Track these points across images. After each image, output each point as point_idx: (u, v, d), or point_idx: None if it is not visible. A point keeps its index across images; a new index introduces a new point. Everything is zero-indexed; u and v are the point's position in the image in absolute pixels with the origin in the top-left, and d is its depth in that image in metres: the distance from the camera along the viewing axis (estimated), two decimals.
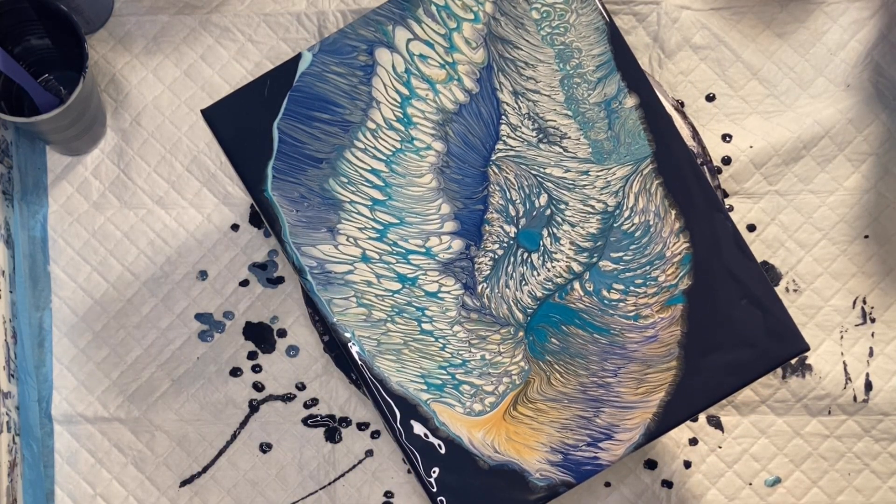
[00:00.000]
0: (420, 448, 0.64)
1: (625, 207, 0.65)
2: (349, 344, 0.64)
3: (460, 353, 0.64)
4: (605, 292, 0.65)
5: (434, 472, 0.63)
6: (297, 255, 0.64)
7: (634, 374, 0.64)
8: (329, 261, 0.64)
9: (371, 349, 0.64)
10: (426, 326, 0.64)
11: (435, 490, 0.63)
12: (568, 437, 0.64)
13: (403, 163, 0.65)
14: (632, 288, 0.64)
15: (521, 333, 0.64)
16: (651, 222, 0.65)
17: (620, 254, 0.65)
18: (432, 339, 0.64)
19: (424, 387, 0.64)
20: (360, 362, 0.64)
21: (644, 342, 0.64)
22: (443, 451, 0.63)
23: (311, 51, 0.65)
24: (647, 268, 0.65)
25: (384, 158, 0.65)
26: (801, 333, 0.65)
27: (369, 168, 0.65)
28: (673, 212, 0.65)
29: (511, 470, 0.63)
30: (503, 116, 0.65)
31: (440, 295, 0.64)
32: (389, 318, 0.64)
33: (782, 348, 0.64)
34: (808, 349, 0.64)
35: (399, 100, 0.65)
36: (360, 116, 0.65)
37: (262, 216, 0.65)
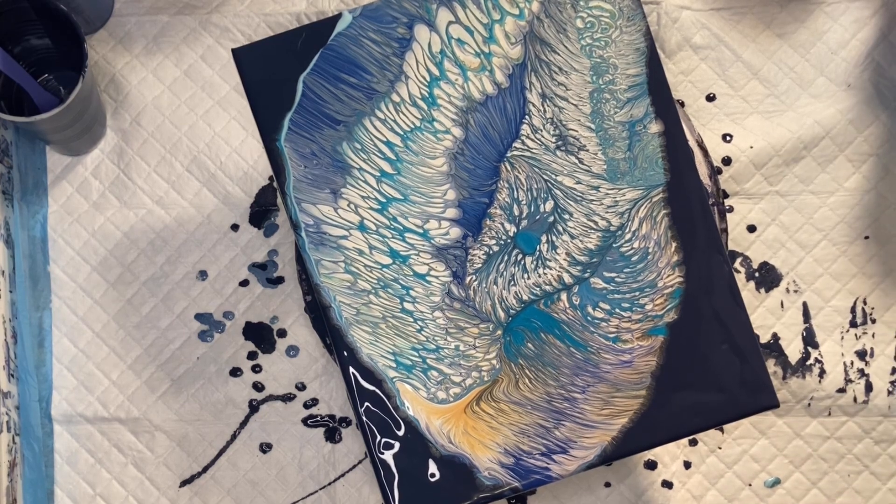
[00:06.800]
0: (377, 423, 0.64)
1: (627, 230, 0.65)
2: (329, 309, 0.64)
3: (436, 338, 0.64)
4: (590, 309, 0.64)
5: (393, 447, 0.63)
6: (296, 209, 0.64)
7: (602, 394, 0.64)
8: (326, 222, 0.64)
9: (349, 317, 0.64)
10: (408, 306, 0.64)
11: (393, 469, 0.63)
12: (524, 443, 0.64)
13: (419, 141, 0.65)
14: (617, 310, 0.64)
15: (499, 332, 0.64)
16: (650, 250, 0.65)
17: (613, 274, 0.65)
18: (411, 320, 0.64)
19: (394, 364, 0.64)
20: (336, 327, 0.64)
21: (618, 365, 0.64)
22: (401, 431, 0.64)
23: (351, 13, 0.65)
24: (637, 294, 0.64)
25: (401, 133, 0.65)
26: (775, 391, 0.65)
27: (385, 140, 0.65)
28: (674, 244, 0.65)
29: (461, 463, 0.63)
30: (527, 116, 0.65)
31: (428, 278, 0.64)
32: (373, 291, 0.64)
33: (752, 400, 0.64)
34: (777, 406, 0.64)
35: (428, 79, 0.65)
36: (386, 87, 0.65)
37: (270, 165, 0.65)
